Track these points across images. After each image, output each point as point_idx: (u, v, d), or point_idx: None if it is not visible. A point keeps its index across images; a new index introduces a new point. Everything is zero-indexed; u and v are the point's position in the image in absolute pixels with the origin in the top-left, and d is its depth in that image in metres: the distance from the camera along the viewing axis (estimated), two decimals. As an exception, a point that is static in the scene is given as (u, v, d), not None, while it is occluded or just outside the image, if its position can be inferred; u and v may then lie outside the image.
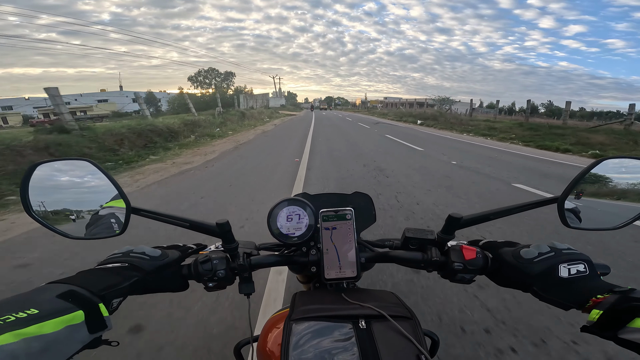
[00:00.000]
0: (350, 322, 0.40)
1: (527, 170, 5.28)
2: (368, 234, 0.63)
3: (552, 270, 0.39)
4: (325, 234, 0.51)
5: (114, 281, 0.38)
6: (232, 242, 0.49)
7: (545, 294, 0.39)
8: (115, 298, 0.38)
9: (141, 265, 0.42)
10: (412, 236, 0.52)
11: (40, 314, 0.28)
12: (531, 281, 0.40)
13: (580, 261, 0.39)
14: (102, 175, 0.44)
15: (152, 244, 0.49)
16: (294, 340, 0.37)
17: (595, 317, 0.33)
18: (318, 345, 0.37)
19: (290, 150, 7.36)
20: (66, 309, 0.30)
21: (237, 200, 3.46)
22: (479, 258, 0.46)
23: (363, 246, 0.57)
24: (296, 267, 0.58)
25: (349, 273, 0.50)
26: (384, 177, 4.51)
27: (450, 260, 0.47)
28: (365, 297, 0.46)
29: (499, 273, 0.45)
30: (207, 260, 0.46)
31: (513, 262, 0.42)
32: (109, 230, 0.45)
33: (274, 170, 5.00)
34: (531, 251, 0.42)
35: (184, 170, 5.09)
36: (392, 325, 0.39)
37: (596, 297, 0.34)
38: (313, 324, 0.40)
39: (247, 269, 0.50)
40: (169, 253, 0.47)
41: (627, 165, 0.44)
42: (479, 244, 0.50)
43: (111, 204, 0.45)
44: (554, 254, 0.40)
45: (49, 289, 0.32)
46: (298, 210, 0.53)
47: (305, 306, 0.43)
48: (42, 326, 0.27)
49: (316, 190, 2.92)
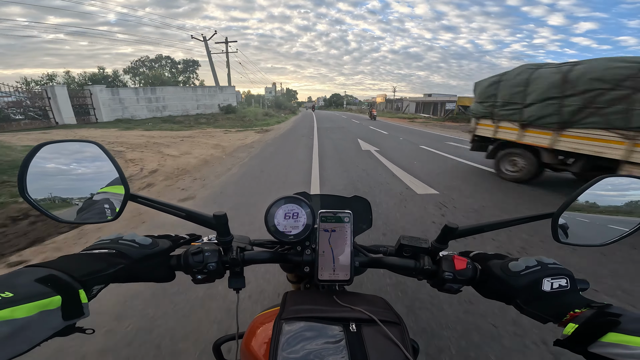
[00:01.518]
0: (341, 324, 0.40)
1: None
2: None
3: (536, 284, 0.40)
4: (322, 235, 0.51)
5: (98, 267, 0.37)
6: (227, 235, 0.48)
7: (527, 307, 0.40)
8: (96, 285, 0.36)
9: (129, 253, 0.41)
10: (406, 244, 0.52)
11: (14, 298, 0.27)
12: (515, 294, 0.41)
13: (563, 276, 0.40)
14: (106, 159, 0.43)
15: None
16: (283, 339, 0.37)
17: (570, 330, 0.34)
18: (308, 345, 0.37)
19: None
20: (43, 293, 0.29)
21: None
22: (469, 269, 0.47)
23: (357, 250, 0.57)
24: (289, 265, 0.58)
25: (342, 276, 0.50)
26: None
27: (441, 270, 0.48)
28: (357, 300, 0.46)
29: (486, 285, 0.46)
30: (198, 252, 0.46)
31: (500, 274, 0.43)
32: (101, 216, 0.44)
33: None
34: (519, 264, 0.43)
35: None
36: (382, 330, 0.39)
37: (574, 311, 0.35)
38: (304, 324, 0.40)
39: (239, 264, 0.49)
40: (159, 242, 0.46)
41: (623, 183, 0.45)
42: (469, 255, 0.51)
43: (108, 189, 0.44)
44: (540, 268, 0.41)
45: (27, 272, 0.31)
46: (297, 209, 0.52)
47: (297, 306, 0.43)
48: (14, 310, 0.26)
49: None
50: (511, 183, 4.33)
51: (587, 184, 0.44)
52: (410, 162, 5.61)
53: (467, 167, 5.36)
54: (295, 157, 5.95)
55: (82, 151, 0.45)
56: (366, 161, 5.68)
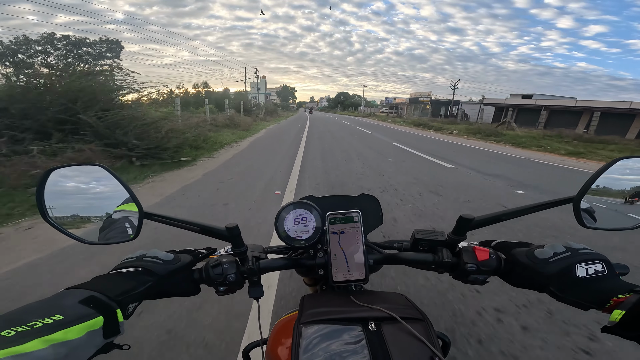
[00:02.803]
0: (360, 324, 0.40)
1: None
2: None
3: (569, 271, 0.38)
4: (332, 237, 0.51)
5: (129, 286, 0.38)
6: (242, 246, 0.49)
7: (563, 294, 0.38)
8: (131, 303, 0.38)
9: (155, 270, 0.42)
10: (421, 237, 0.51)
11: (65, 320, 0.28)
12: (547, 281, 0.40)
13: (598, 261, 0.38)
14: (114, 180, 0.44)
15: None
16: (304, 343, 0.37)
17: (618, 317, 0.32)
18: (328, 348, 0.37)
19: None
20: (88, 314, 0.31)
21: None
22: (492, 259, 0.46)
23: (371, 248, 0.56)
24: (303, 270, 0.58)
25: (357, 275, 0.50)
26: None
27: (462, 262, 0.46)
28: (374, 299, 0.45)
29: (513, 273, 0.45)
30: (217, 265, 0.47)
31: (527, 262, 0.42)
32: (123, 235, 0.46)
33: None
34: (546, 251, 0.41)
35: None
36: (403, 327, 0.38)
37: (617, 297, 0.34)
38: (322, 327, 0.40)
39: (257, 273, 0.50)
40: (181, 257, 0.47)
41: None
42: (491, 245, 0.50)
43: (123, 207, 0.46)
44: (570, 254, 0.40)
45: (70, 294, 0.32)
46: (305, 214, 0.53)
47: (314, 309, 0.43)
48: (67, 332, 0.28)
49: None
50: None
51: (603, 166, 0.42)
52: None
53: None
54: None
55: (89, 174, 0.46)
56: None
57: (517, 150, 9.35)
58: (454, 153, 7.96)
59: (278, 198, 3.50)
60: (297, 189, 3.86)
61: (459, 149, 9.01)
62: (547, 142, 10.64)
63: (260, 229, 2.57)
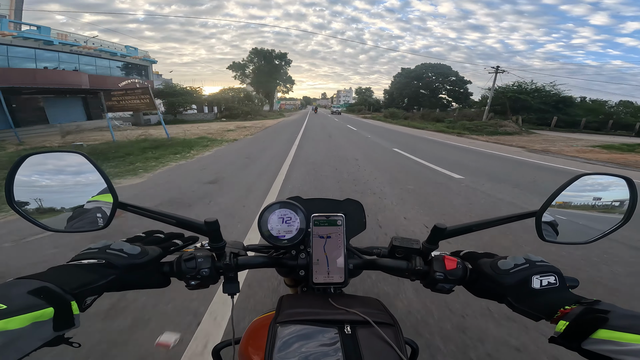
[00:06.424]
0: (336, 327, 0.40)
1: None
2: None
3: (526, 282, 0.40)
4: (316, 239, 0.51)
5: (89, 279, 0.36)
6: (220, 241, 0.48)
7: (518, 305, 0.40)
8: (89, 296, 0.36)
9: (117, 263, 0.40)
10: (398, 245, 0.53)
11: (8, 310, 0.27)
12: (505, 292, 0.42)
13: (552, 273, 0.40)
14: (93, 169, 0.43)
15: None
16: (278, 343, 0.37)
17: (562, 328, 0.34)
18: (303, 348, 0.37)
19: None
20: (36, 305, 0.29)
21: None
22: (459, 268, 0.48)
23: (352, 253, 0.57)
24: (284, 270, 0.58)
25: (337, 279, 0.50)
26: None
27: (432, 270, 0.48)
28: (352, 302, 0.46)
29: (476, 283, 0.47)
30: (191, 258, 0.46)
31: (490, 273, 0.44)
32: (93, 224, 0.45)
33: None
34: (508, 262, 0.43)
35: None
36: (376, 331, 0.39)
37: (564, 308, 0.36)
38: (299, 327, 0.40)
39: (233, 269, 0.49)
40: (149, 250, 0.45)
41: (600, 182, 0.47)
42: (459, 255, 0.52)
43: (98, 197, 0.45)
44: (528, 266, 0.42)
45: (19, 284, 0.31)
46: (290, 214, 0.53)
47: (292, 309, 0.43)
48: (8, 322, 0.27)
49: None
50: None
51: (566, 182, 0.45)
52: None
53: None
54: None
55: (68, 161, 0.44)
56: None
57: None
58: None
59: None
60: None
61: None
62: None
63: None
